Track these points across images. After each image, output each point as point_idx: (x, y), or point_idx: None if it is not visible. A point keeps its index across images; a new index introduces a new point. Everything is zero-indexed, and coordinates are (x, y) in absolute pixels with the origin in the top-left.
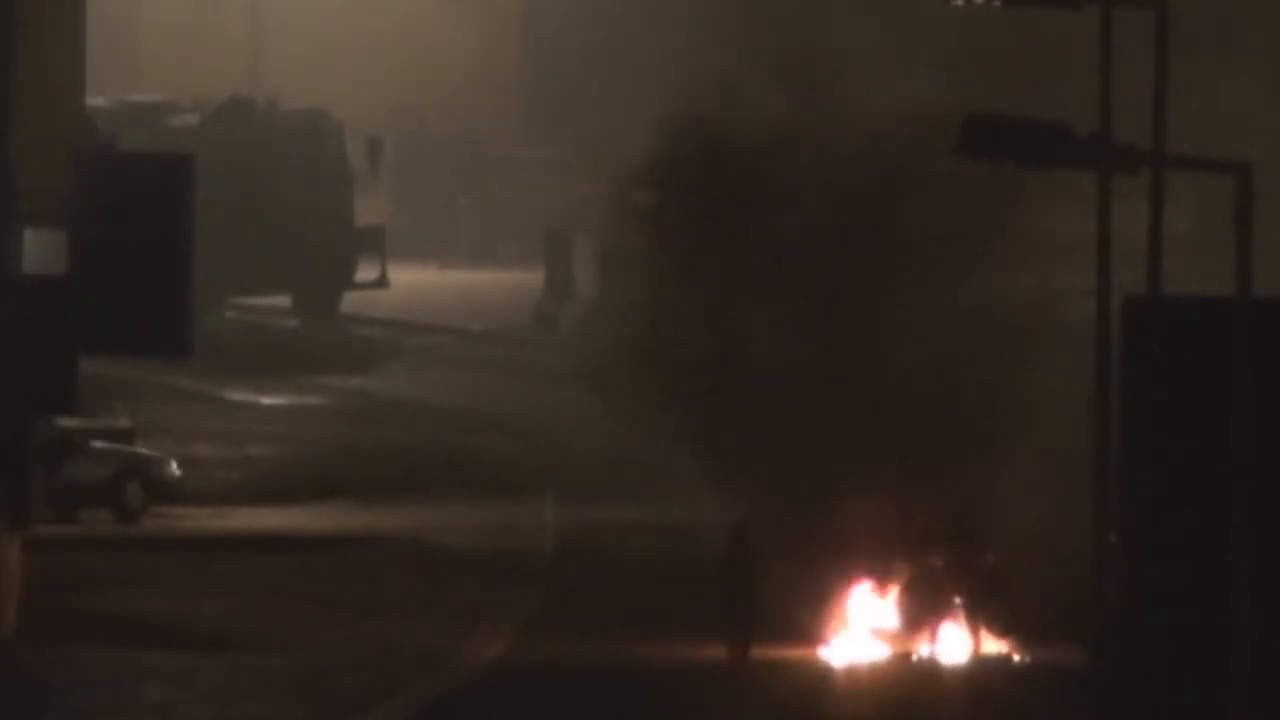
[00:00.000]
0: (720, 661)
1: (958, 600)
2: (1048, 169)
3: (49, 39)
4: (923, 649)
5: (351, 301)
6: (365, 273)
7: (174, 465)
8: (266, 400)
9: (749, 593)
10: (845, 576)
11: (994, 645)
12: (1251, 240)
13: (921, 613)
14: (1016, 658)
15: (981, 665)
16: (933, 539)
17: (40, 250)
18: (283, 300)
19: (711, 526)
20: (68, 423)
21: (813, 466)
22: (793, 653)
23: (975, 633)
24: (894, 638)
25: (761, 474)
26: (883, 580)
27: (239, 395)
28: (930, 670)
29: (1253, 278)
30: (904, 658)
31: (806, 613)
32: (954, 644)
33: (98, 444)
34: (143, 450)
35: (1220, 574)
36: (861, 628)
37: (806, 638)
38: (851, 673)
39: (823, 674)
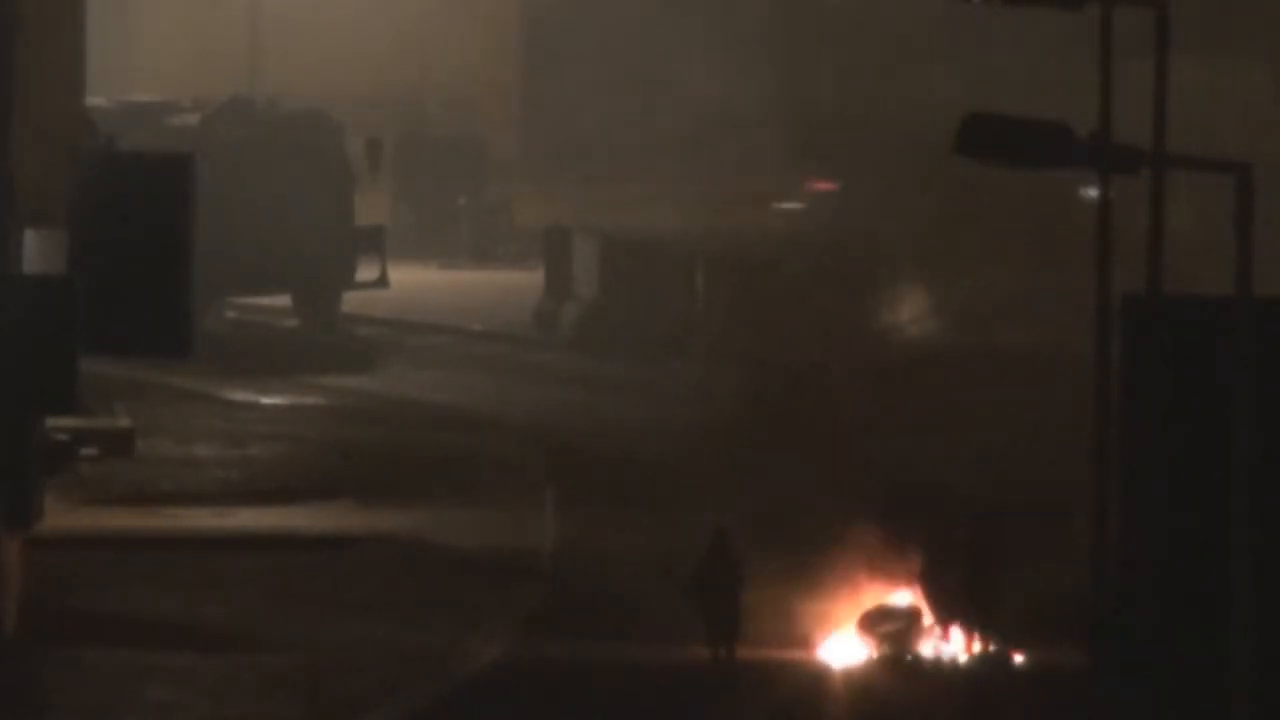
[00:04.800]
0: (706, 665)
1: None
2: (1048, 169)
3: (49, 38)
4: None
5: (351, 301)
6: (365, 273)
7: None
8: (266, 400)
9: (731, 596)
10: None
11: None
12: (1252, 240)
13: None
14: (1018, 658)
15: (981, 665)
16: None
17: (40, 250)
18: (283, 300)
19: (710, 528)
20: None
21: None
22: (786, 654)
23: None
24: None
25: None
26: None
27: (239, 395)
28: (928, 670)
29: (1253, 277)
30: (902, 658)
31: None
32: (953, 643)
33: None
34: None
35: (1220, 574)
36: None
37: (798, 638)
38: (848, 674)
39: (819, 675)
